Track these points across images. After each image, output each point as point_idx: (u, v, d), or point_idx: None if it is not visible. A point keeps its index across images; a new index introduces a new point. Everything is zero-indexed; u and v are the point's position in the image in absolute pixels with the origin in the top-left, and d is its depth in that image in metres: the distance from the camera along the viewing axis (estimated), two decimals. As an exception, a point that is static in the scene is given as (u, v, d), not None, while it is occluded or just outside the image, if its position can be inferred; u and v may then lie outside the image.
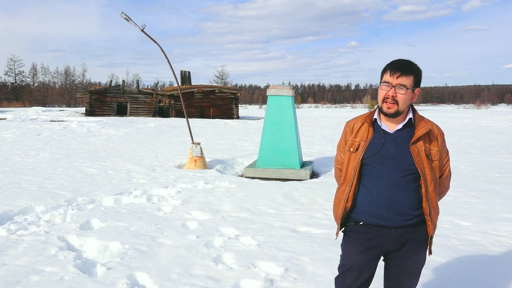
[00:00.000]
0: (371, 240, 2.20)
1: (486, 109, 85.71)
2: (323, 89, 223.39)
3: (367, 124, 2.23)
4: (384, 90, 2.13)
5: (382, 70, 2.19)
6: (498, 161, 10.87)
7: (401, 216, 2.13)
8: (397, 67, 2.11)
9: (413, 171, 2.12)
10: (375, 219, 2.16)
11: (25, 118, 26.50)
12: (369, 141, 2.19)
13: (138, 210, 5.58)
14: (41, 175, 7.89)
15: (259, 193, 6.69)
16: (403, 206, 2.12)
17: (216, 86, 36.85)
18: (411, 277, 2.28)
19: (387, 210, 2.13)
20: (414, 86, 2.12)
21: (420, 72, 2.16)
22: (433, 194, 2.15)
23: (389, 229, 2.16)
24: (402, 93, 2.09)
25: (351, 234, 2.28)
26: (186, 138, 15.63)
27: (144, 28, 9.41)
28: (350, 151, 2.25)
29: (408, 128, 2.17)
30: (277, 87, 8.85)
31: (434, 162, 2.16)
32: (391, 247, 2.20)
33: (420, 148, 2.12)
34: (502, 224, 5.07)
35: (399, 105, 2.10)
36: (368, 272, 2.27)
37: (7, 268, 3.56)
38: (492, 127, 25.39)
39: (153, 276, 3.44)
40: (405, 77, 2.09)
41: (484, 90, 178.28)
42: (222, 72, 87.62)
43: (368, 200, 2.18)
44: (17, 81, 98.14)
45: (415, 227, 2.18)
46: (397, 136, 2.16)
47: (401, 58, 2.17)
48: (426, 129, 2.14)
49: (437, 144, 2.18)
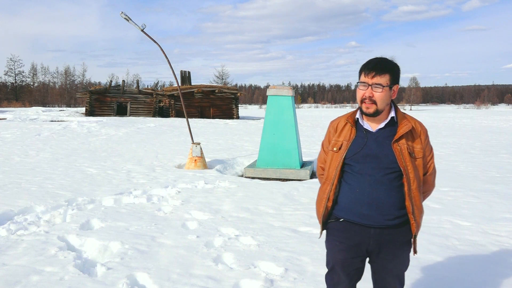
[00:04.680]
0: (351, 238, 2.20)
1: (486, 109, 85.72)
2: (323, 89, 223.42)
3: (349, 124, 2.23)
4: (361, 90, 2.13)
5: (359, 70, 2.18)
6: (498, 161, 10.86)
7: (383, 215, 2.12)
8: (371, 67, 2.10)
9: (395, 170, 2.11)
10: (356, 217, 2.16)
11: (25, 118, 26.51)
12: (351, 141, 2.19)
13: (138, 210, 5.58)
14: (41, 175, 7.89)
15: (259, 193, 6.68)
16: (385, 204, 2.12)
17: (216, 86, 36.85)
18: (396, 278, 2.27)
19: (368, 208, 2.12)
20: (391, 84, 2.11)
21: (397, 68, 2.15)
22: (416, 192, 2.14)
23: (368, 228, 2.15)
24: (378, 92, 2.08)
25: (332, 232, 2.29)
26: (186, 138, 15.63)
27: (144, 28, 9.41)
28: (333, 150, 2.25)
29: (390, 126, 2.17)
30: (277, 87, 8.85)
31: (417, 160, 2.15)
32: (371, 247, 2.19)
33: (403, 146, 2.12)
34: (502, 224, 5.07)
35: (377, 104, 2.09)
36: (353, 268, 2.27)
37: (7, 268, 3.56)
38: (492, 127, 25.38)
39: (153, 276, 3.44)
40: (380, 76, 2.08)
41: (484, 90, 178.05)
42: (222, 72, 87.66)
43: (350, 197, 2.18)
44: (17, 81, 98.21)
45: (397, 229, 2.16)
46: (380, 134, 2.16)
47: (376, 57, 2.17)
48: (408, 127, 2.14)
49: (420, 142, 2.17)
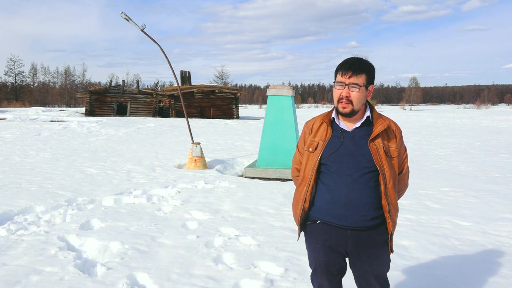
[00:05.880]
0: (329, 240, 2.19)
1: (486, 109, 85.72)
2: (323, 89, 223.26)
3: (325, 124, 2.23)
4: (338, 90, 2.13)
5: (335, 70, 2.19)
6: (498, 161, 10.86)
7: (360, 216, 2.11)
8: (348, 66, 2.11)
9: (372, 169, 2.11)
10: (333, 218, 2.15)
11: (25, 118, 26.50)
12: (327, 141, 2.19)
13: (138, 210, 5.58)
14: (41, 175, 7.89)
15: (259, 193, 6.68)
16: (362, 204, 2.11)
17: (216, 86, 36.85)
18: (379, 280, 2.27)
19: (345, 209, 2.12)
20: (367, 84, 2.12)
21: (373, 68, 2.16)
22: (392, 191, 2.14)
23: (345, 230, 2.14)
24: (355, 91, 2.09)
25: (310, 234, 2.28)
26: (186, 138, 15.63)
27: (144, 28, 9.41)
28: (309, 151, 2.24)
29: (366, 126, 2.17)
30: (277, 87, 8.85)
31: (393, 159, 2.16)
32: (349, 249, 2.18)
33: (379, 145, 2.12)
34: (502, 224, 5.07)
35: (353, 104, 2.10)
36: (335, 268, 2.27)
37: (7, 268, 3.56)
38: (492, 127, 25.38)
39: (153, 276, 3.44)
40: (356, 76, 2.09)
41: (484, 90, 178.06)
42: (222, 72, 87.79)
43: (327, 198, 2.17)
44: (17, 81, 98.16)
45: (374, 230, 2.15)
46: (356, 134, 2.16)
47: (352, 57, 2.17)
48: (384, 126, 2.15)
49: (395, 141, 2.18)
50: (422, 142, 15.61)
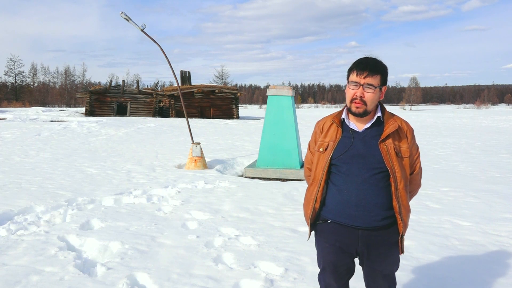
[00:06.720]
0: (340, 240, 2.19)
1: (486, 109, 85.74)
2: (323, 89, 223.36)
3: (335, 124, 2.21)
4: (352, 90, 2.10)
5: (348, 69, 2.16)
6: (498, 161, 10.86)
7: (371, 216, 2.11)
8: (364, 66, 2.08)
9: (382, 169, 2.09)
10: (344, 218, 2.14)
11: (25, 118, 26.50)
12: (338, 141, 2.17)
13: (138, 210, 5.58)
14: (41, 175, 7.89)
15: (259, 193, 6.68)
16: (373, 205, 2.10)
17: (216, 86, 36.84)
18: (387, 279, 2.27)
19: (356, 209, 2.11)
20: (381, 85, 2.11)
21: (387, 70, 2.14)
22: (403, 192, 2.13)
23: (356, 229, 2.14)
24: (370, 92, 2.07)
25: (321, 234, 2.28)
26: (186, 138, 15.63)
27: (144, 28, 9.41)
28: (320, 151, 2.23)
29: (377, 126, 2.15)
30: (277, 87, 8.85)
31: (404, 160, 2.14)
32: (360, 249, 2.18)
33: (389, 146, 2.10)
34: (502, 224, 5.07)
35: (367, 105, 2.08)
36: (344, 268, 2.27)
37: (7, 268, 3.56)
38: (492, 127, 25.38)
39: (153, 276, 3.44)
40: (372, 76, 2.06)
41: (484, 90, 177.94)
42: (222, 72, 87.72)
43: (337, 199, 2.16)
44: (17, 81, 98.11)
45: (385, 230, 2.15)
46: (366, 134, 2.15)
47: (367, 57, 2.15)
48: (394, 126, 2.13)
49: (407, 141, 2.16)
50: (422, 142, 15.60)
